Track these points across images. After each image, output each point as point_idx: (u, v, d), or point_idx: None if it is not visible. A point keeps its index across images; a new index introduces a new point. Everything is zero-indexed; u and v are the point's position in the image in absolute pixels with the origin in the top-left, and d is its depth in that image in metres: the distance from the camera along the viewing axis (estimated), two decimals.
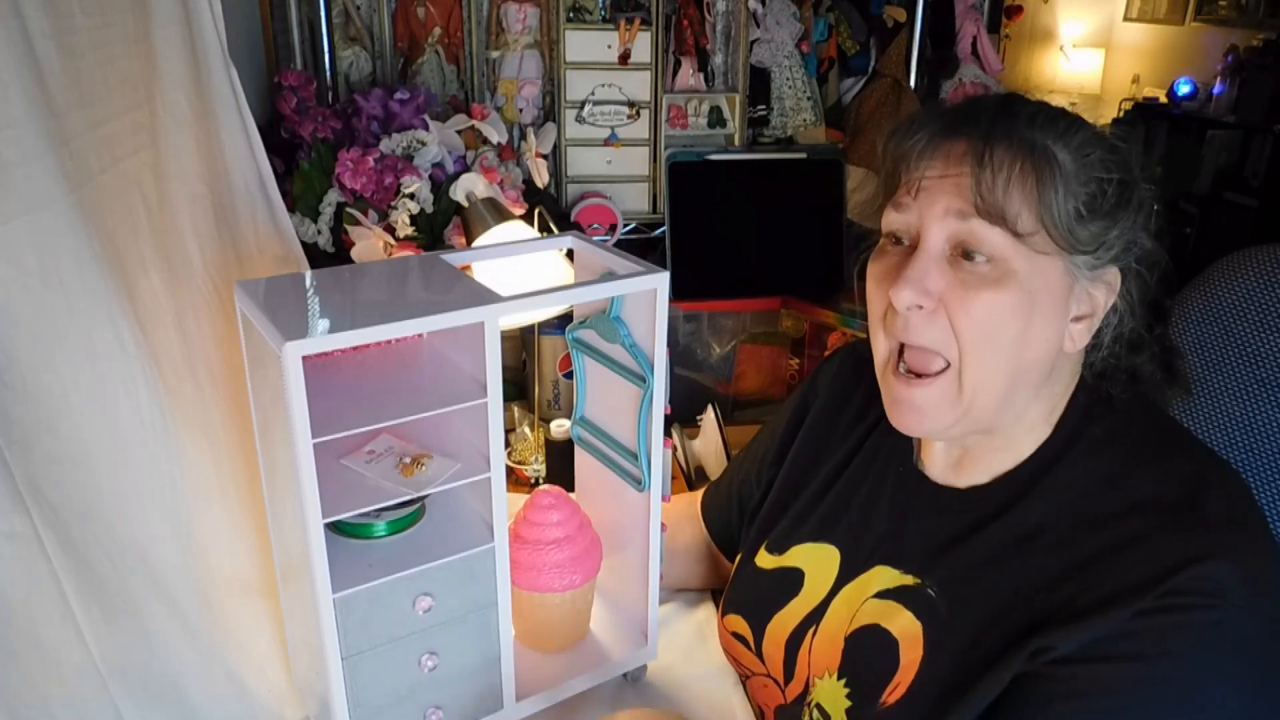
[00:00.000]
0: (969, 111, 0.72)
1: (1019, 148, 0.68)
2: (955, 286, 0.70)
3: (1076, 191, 0.68)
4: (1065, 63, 5.08)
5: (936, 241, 0.71)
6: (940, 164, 0.71)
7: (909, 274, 0.71)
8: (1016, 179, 0.68)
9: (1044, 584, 0.70)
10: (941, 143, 0.71)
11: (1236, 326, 0.91)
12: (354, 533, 0.79)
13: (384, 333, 0.69)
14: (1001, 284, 0.69)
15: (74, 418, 0.68)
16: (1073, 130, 0.70)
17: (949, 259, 0.71)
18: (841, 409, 0.94)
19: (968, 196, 0.69)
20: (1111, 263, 0.71)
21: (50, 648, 0.68)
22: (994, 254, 0.69)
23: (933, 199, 0.71)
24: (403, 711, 0.80)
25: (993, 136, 0.69)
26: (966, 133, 0.70)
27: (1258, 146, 3.80)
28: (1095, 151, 0.70)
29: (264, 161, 0.92)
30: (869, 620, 0.79)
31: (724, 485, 1.06)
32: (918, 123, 0.73)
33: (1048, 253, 0.69)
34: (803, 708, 0.83)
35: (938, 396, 0.73)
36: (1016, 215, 0.68)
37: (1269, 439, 0.88)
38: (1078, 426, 0.75)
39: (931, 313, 0.71)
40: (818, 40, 1.82)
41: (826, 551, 0.87)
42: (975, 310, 0.70)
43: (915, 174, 0.72)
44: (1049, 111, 0.71)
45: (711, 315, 1.72)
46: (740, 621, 0.91)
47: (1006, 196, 0.68)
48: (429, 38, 1.63)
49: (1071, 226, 0.68)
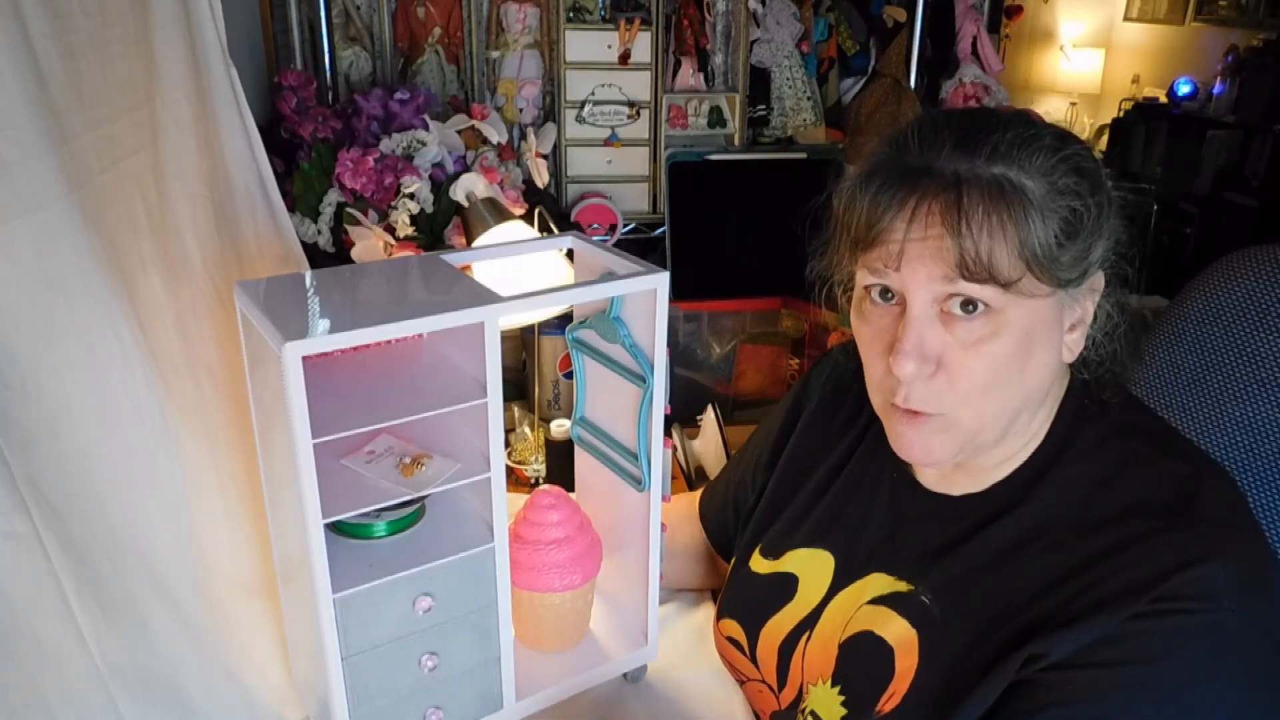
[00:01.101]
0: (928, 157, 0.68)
1: (989, 194, 0.65)
2: (954, 349, 0.69)
3: (1049, 219, 0.66)
4: (1065, 63, 5.07)
5: (924, 302, 0.69)
6: (916, 227, 0.67)
7: (907, 346, 0.69)
8: (996, 230, 0.65)
9: (1038, 590, 0.70)
10: (909, 200, 0.67)
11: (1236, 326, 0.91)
12: (354, 533, 0.79)
13: (384, 333, 0.69)
14: (998, 334, 0.68)
15: (74, 418, 0.68)
16: (1035, 154, 0.67)
17: (939, 316, 0.69)
18: (834, 413, 0.93)
19: (950, 260, 0.66)
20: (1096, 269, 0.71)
21: (50, 648, 0.68)
22: (987, 304, 0.67)
23: (915, 266, 0.68)
24: (403, 711, 0.80)
25: (964, 189, 0.66)
26: (935, 190, 0.66)
27: (1258, 146, 3.80)
28: (1060, 175, 0.67)
29: (264, 161, 0.92)
30: (863, 627, 0.79)
31: (720, 487, 1.06)
32: (879, 177, 0.69)
33: (1037, 295, 0.68)
34: (797, 714, 0.82)
35: (938, 431, 0.72)
36: (1001, 268, 0.66)
37: (1269, 439, 0.88)
38: (1070, 431, 0.75)
39: (931, 376, 0.70)
40: (818, 40, 1.82)
41: (821, 557, 0.86)
42: (976, 367, 0.69)
43: (892, 238, 0.68)
44: (1008, 139, 0.67)
45: (711, 315, 1.72)
46: (735, 626, 0.91)
47: (991, 253, 0.65)
48: (429, 38, 1.63)
49: (1053, 256, 0.66)
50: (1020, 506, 0.74)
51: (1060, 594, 0.68)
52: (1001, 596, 0.72)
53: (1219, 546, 0.66)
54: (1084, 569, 0.68)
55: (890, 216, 0.68)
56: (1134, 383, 0.82)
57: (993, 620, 0.71)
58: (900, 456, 0.76)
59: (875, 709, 0.75)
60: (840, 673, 0.79)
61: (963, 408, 0.71)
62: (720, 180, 1.69)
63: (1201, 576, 0.64)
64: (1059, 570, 0.70)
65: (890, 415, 0.75)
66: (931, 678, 0.73)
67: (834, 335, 1.63)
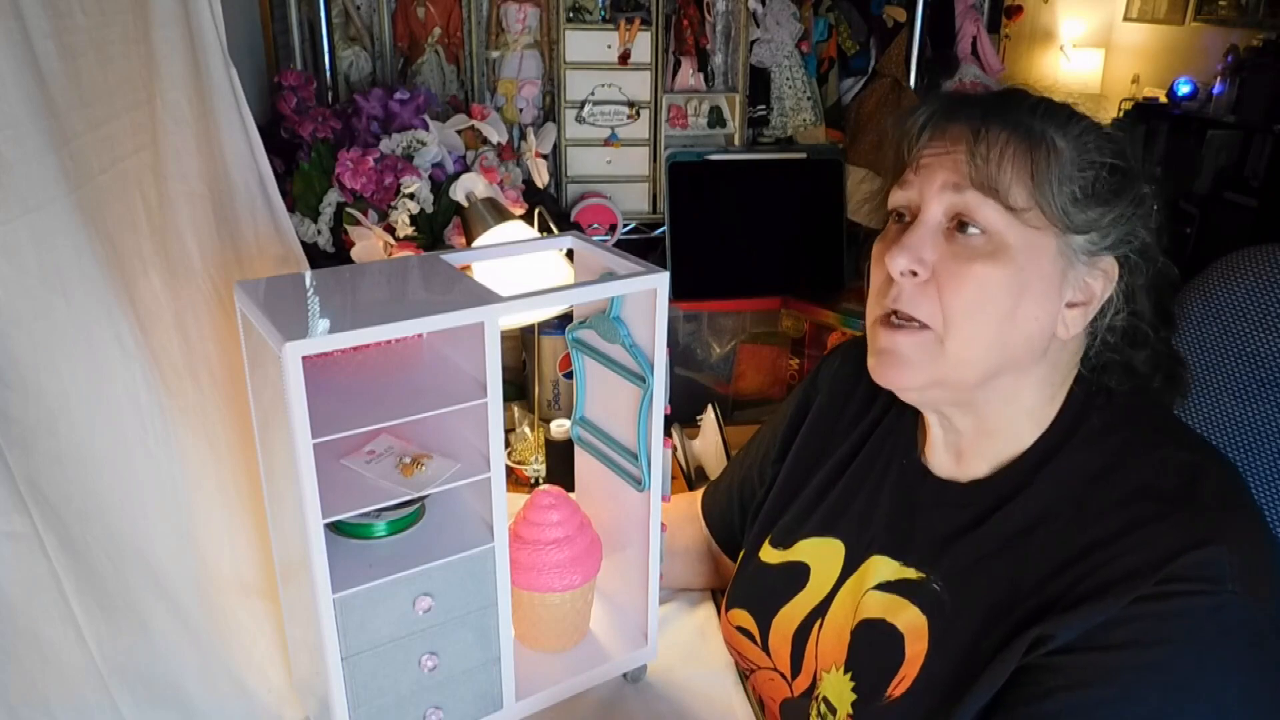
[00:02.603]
0: (973, 97, 0.76)
1: (1015, 130, 0.72)
2: (948, 259, 0.73)
3: (1073, 176, 0.71)
4: (1065, 63, 5.08)
5: (934, 214, 0.74)
6: (940, 142, 0.75)
7: (905, 241, 0.74)
8: (1010, 155, 0.71)
9: (1045, 574, 0.71)
10: (942, 122, 0.75)
11: (1236, 326, 0.91)
12: (354, 533, 0.79)
13: (384, 333, 0.69)
14: (994, 257, 0.71)
15: (74, 418, 0.68)
16: (1073, 121, 0.73)
17: (945, 232, 0.74)
18: (844, 405, 0.94)
19: (963, 170, 0.72)
20: (1108, 250, 0.73)
21: (50, 648, 0.68)
22: (988, 226, 0.71)
23: (931, 174, 0.74)
24: (403, 711, 0.80)
25: (990, 116, 0.72)
26: (967, 113, 0.74)
27: (1258, 146, 3.80)
28: (1092, 139, 0.72)
29: (264, 161, 0.92)
30: (873, 614, 0.80)
31: (724, 484, 1.07)
32: (922, 105, 0.77)
33: (1041, 228, 0.71)
34: (810, 701, 0.83)
35: (918, 346, 0.75)
36: (1009, 189, 0.71)
37: (1269, 439, 0.88)
38: (1076, 418, 0.76)
39: (923, 283, 0.73)
40: (818, 40, 1.81)
41: (831, 545, 0.87)
42: (966, 281, 0.72)
43: (917, 151, 0.75)
44: (1050, 104, 0.74)
45: (711, 315, 1.72)
46: (745, 616, 0.91)
47: (999, 170, 0.71)
48: (429, 38, 1.63)
49: (1066, 207, 0.70)
50: (1027, 491, 0.75)
51: (1066, 578, 0.69)
52: (1009, 582, 0.72)
53: (1222, 530, 0.66)
54: (1089, 553, 0.69)
55: (920, 128, 0.76)
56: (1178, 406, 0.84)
57: (1001, 605, 0.72)
58: (876, 380, 0.78)
59: (885, 694, 0.76)
60: (852, 659, 0.80)
61: (947, 325, 0.73)
62: (720, 180, 1.69)
63: (1205, 559, 0.65)
64: (1064, 555, 0.70)
65: (876, 332, 0.78)
66: (941, 663, 0.74)
67: (834, 335, 1.64)
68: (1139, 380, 0.77)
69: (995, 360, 0.74)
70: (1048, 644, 0.67)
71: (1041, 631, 0.68)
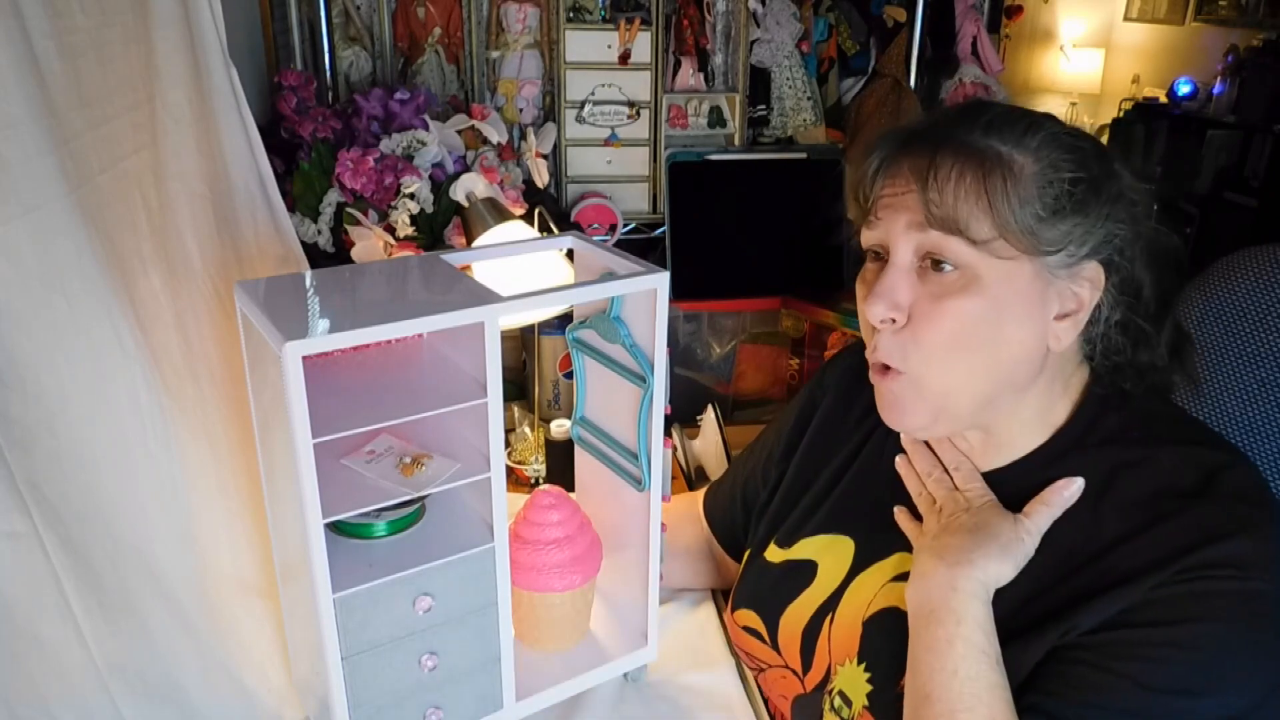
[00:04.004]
0: (923, 128, 0.74)
1: (968, 159, 0.70)
2: (923, 299, 0.72)
3: (1035, 195, 0.69)
4: (1065, 63, 5.07)
5: (903, 255, 0.73)
6: (895, 182, 0.73)
7: (878, 288, 0.73)
8: (964, 189, 0.69)
9: (1066, 571, 0.71)
10: (896, 158, 0.74)
11: (1236, 326, 0.91)
12: (354, 533, 0.79)
13: (384, 333, 0.69)
14: (967, 291, 0.70)
15: (74, 418, 0.68)
16: (1031, 132, 0.70)
17: (919, 270, 0.73)
18: (850, 405, 0.94)
19: (919, 210, 0.71)
20: (1089, 257, 0.72)
21: (50, 648, 0.68)
22: (958, 262, 0.71)
23: (894, 215, 0.73)
24: (403, 711, 0.80)
25: (939, 150, 0.70)
26: (917, 149, 0.72)
27: (1258, 146, 3.80)
28: (1055, 151, 0.70)
29: (264, 161, 0.92)
30: (887, 604, 0.80)
31: (727, 484, 1.07)
32: (877, 145, 0.76)
33: (1013, 257, 0.70)
34: (824, 696, 0.83)
35: (904, 391, 0.75)
36: (968, 223, 0.69)
37: (1269, 439, 0.88)
38: (1092, 420, 0.76)
39: (900, 330, 0.73)
40: (818, 40, 1.82)
41: (839, 542, 0.87)
42: (942, 319, 0.71)
43: (876, 193, 0.74)
44: (1006, 116, 0.72)
45: (711, 315, 1.72)
46: (752, 616, 0.91)
47: (955, 207, 0.69)
48: (429, 38, 1.63)
49: (1033, 228, 0.69)
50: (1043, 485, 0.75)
51: (1087, 573, 0.70)
52: (1027, 575, 0.72)
53: (1244, 524, 0.67)
54: (1111, 548, 0.70)
55: (874, 171, 0.75)
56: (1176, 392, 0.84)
57: (1019, 598, 0.72)
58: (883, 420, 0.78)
59: (900, 684, 0.75)
60: (866, 650, 0.80)
61: (926, 366, 0.73)
62: (720, 180, 1.69)
63: (1228, 550, 0.65)
64: (1085, 551, 0.71)
65: (874, 377, 0.78)
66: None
67: (834, 335, 1.64)
68: (1152, 377, 0.77)
69: (987, 387, 0.74)
70: (1071, 632, 0.68)
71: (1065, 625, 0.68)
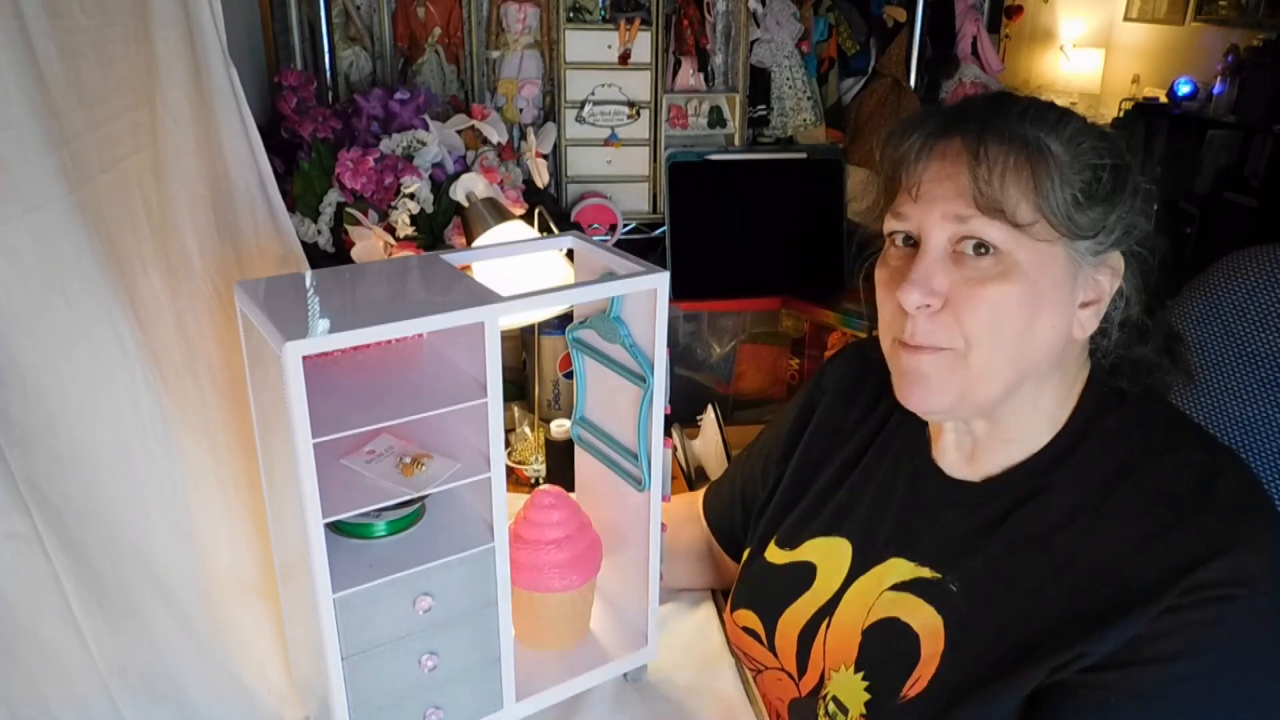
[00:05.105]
0: (961, 112, 0.74)
1: (1012, 142, 0.70)
2: (960, 285, 0.72)
3: (1072, 180, 0.70)
4: (1065, 63, 5.08)
5: (939, 241, 0.72)
6: (937, 164, 0.73)
7: (915, 275, 0.72)
8: (1011, 172, 0.69)
9: (1067, 584, 0.71)
10: (937, 143, 0.73)
11: (1236, 326, 0.91)
12: (354, 533, 0.79)
13: (384, 333, 0.69)
14: (1006, 277, 0.70)
15: (74, 418, 0.68)
16: (1063, 123, 0.72)
17: (952, 257, 0.72)
18: (849, 406, 0.94)
19: (966, 195, 0.70)
20: (1113, 247, 0.73)
21: (50, 648, 0.68)
22: (997, 246, 0.70)
23: (932, 201, 0.72)
24: (403, 711, 0.80)
25: (986, 133, 0.71)
26: (960, 131, 0.72)
27: (1258, 146, 3.80)
28: (1086, 140, 0.71)
29: (264, 161, 0.92)
30: (888, 613, 0.80)
31: (726, 484, 1.07)
32: (912, 125, 0.75)
33: (1049, 240, 0.70)
34: (818, 701, 0.83)
35: (941, 365, 0.74)
36: (1015, 207, 0.69)
37: (1269, 439, 0.88)
38: (1091, 419, 0.76)
39: (937, 313, 0.72)
40: (818, 40, 1.82)
41: (838, 545, 0.87)
42: (981, 306, 0.71)
43: (914, 177, 0.73)
44: (1039, 106, 0.73)
45: (711, 315, 1.72)
46: (751, 616, 0.91)
47: (1004, 190, 0.69)
48: (429, 38, 1.63)
49: (1070, 213, 0.70)
50: (1043, 495, 0.75)
51: (1089, 588, 0.69)
52: (1030, 589, 0.72)
53: (1244, 533, 0.67)
54: (1112, 561, 0.69)
55: (916, 152, 0.73)
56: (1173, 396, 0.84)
57: (1021, 610, 0.72)
58: (904, 404, 0.77)
59: (900, 694, 0.75)
60: (864, 659, 0.80)
61: (969, 345, 0.72)
62: (720, 180, 1.69)
63: (1232, 565, 0.65)
64: (1086, 562, 0.70)
65: (897, 354, 0.76)
66: (958, 665, 0.74)
67: (834, 335, 1.64)
68: (1150, 376, 0.77)
69: (1017, 372, 0.73)
70: (1080, 661, 0.67)
71: (1071, 652, 0.68)
